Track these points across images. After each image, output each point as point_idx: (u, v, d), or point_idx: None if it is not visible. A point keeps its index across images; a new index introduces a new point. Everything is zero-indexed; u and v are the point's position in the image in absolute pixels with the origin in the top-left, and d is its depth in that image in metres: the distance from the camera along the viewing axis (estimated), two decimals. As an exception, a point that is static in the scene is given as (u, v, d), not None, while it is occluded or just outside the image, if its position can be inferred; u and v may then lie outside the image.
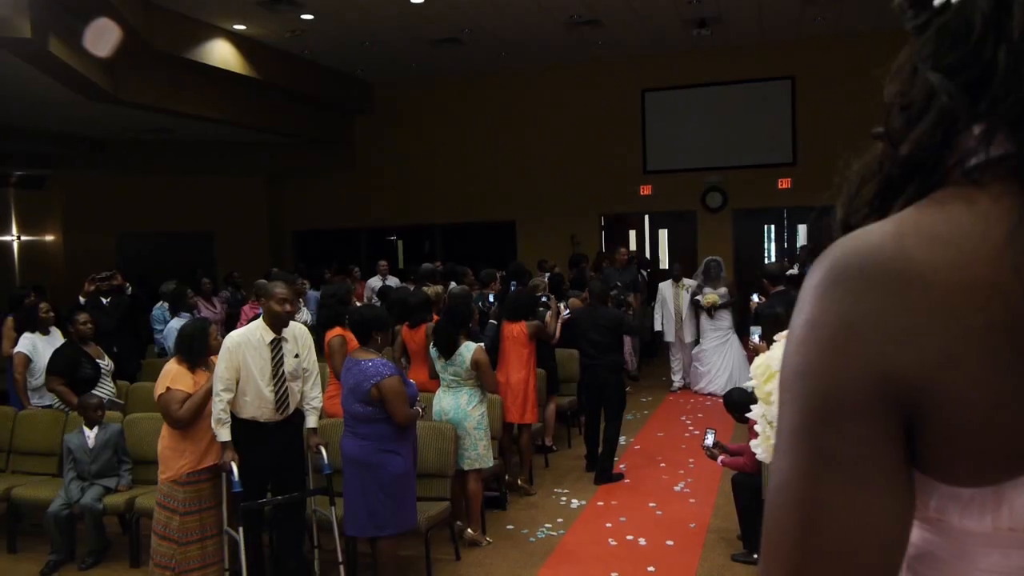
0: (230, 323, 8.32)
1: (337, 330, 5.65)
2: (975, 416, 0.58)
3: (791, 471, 0.63)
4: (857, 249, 0.63)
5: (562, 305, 7.39)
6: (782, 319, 5.28)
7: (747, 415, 0.90)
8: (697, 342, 9.32)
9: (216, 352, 4.44)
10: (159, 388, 4.35)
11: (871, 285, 0.61)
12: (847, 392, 0.61)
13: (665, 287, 9.65)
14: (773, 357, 0.93)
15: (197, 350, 4.44)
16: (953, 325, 0.58)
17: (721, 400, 7.89)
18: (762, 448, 1.02)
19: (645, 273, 11.40)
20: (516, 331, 6.01)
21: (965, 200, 0.61)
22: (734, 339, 9.06)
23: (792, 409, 0.64)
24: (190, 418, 4.26)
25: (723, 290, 9.07)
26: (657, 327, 9.73)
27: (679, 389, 9.52)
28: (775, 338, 0.88)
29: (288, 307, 4.33)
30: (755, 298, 6.24)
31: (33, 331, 6.08)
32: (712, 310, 8.99)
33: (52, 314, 6.27)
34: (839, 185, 0.73)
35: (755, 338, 6.14)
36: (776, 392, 0.94)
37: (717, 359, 9.08)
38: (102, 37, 7.82)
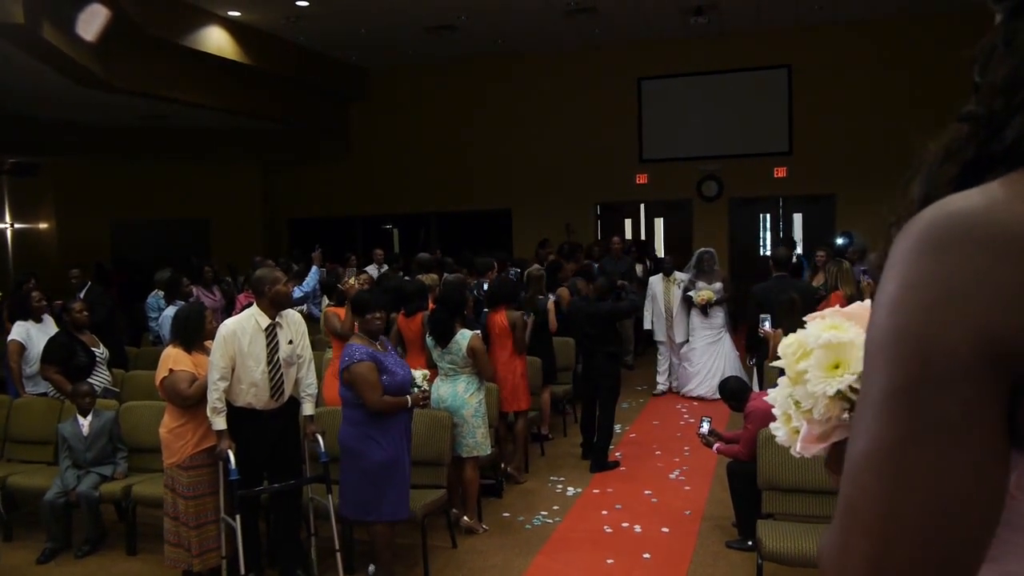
0: (229, 312, 8.31)
1: (330, 309, 6.16)
2: None
3: (885, 435, 0.62)
4: (961, 210, 0.62)
5: (551, 296, 7.38)
6: (797, 304, 5.30)
7: (765, 398, 0.90)
8: (687, 341, 8.57)
9: (212, 336, 4.46)
10: (161, 372, 4.38)
11: (979, 246, 0.60)
12: (953, 353, 0.59)
13: (655, 281, 8.86)
14: (809, 335, 0.93)
15: (193, 332, 4.47)
16: None
17: (710, 401, 7.90)
18: (783, 431, 1.01)
19: (648, 263, 11.20)
20: (499, 320, 5.99)
21: None
22: (727, 338, 8.39)
23: (888, 371, 0.62)
24: (199, 396, 4.30)
25: (718, 285, 8.29)
26: (646, 325, 8.93)
27: (663, 392, 8.74)
28: (807, 319, 0.88)
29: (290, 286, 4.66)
30: (766, 326, 6.13)
31: (26, 319, 6.06)
32: (707, 307, 8.27)
33: (44, 302, 6.25)
34: (917, 164, 0.73)
35: (766, 325, 6.14)
36: (812, 371, 0.94)
37: (708, 359, 8.36)
38: (93, 21, 7.76)
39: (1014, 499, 0.64)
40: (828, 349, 0.93)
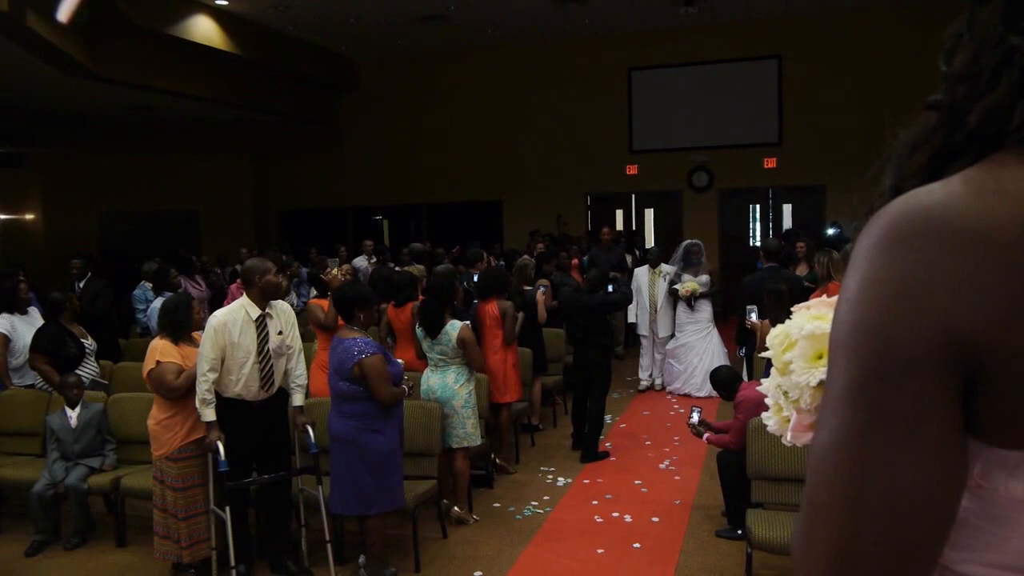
0: (216, 302, 8.27)
1: (314, 300, 6.13)
2: None
3: (844, 429, 0.62)
4: (920, 206, 0.62)
5: (540, 287, 7.36)
6: (784, 295, 5.31)
7: (759, 388, 0.91)
8: (673, 336, 8.24)
9: (199, 327, 4.43)
10: (148, 364, 4.35)
11: (936, 241, 0.60)
12: (909, 348, 0.60)
13: (640, 273, 8.46)
14: (793, 326, 0.93)
15: (180, 323, 4.45)
16: (1021, 281, 0.58)
17: (696, 397, 7.90)
18: (774, 420, 1.01)
19: (637, 254, 11.16)
20: (489, 310, 5.98)
21: None
22: (714, 333, 8.08)
23: (847, 366, 0.63)
24: (186, 388, 4.28)
25: (704, 277, 7.99)
26: (631, 318, 8.70)
27: (646, 389, 8.43)
28: (793, 310, 0.88)
29: (282, 278, 4.61)
30: (753, 317, 6.13)
31: (12, 312, 6.01)
32: (692, 300, 7.97)
33: (31, 294, 6.21)
34: (887, 154, 0.73)
35: (752, 316, 6.14)
36: (796, 362, 0.94)
37: (694, 356, 8.04)
38: (69, 3, 7.67)
39: (982, 488, 0.64)
40: (811, 340, 0.93)
